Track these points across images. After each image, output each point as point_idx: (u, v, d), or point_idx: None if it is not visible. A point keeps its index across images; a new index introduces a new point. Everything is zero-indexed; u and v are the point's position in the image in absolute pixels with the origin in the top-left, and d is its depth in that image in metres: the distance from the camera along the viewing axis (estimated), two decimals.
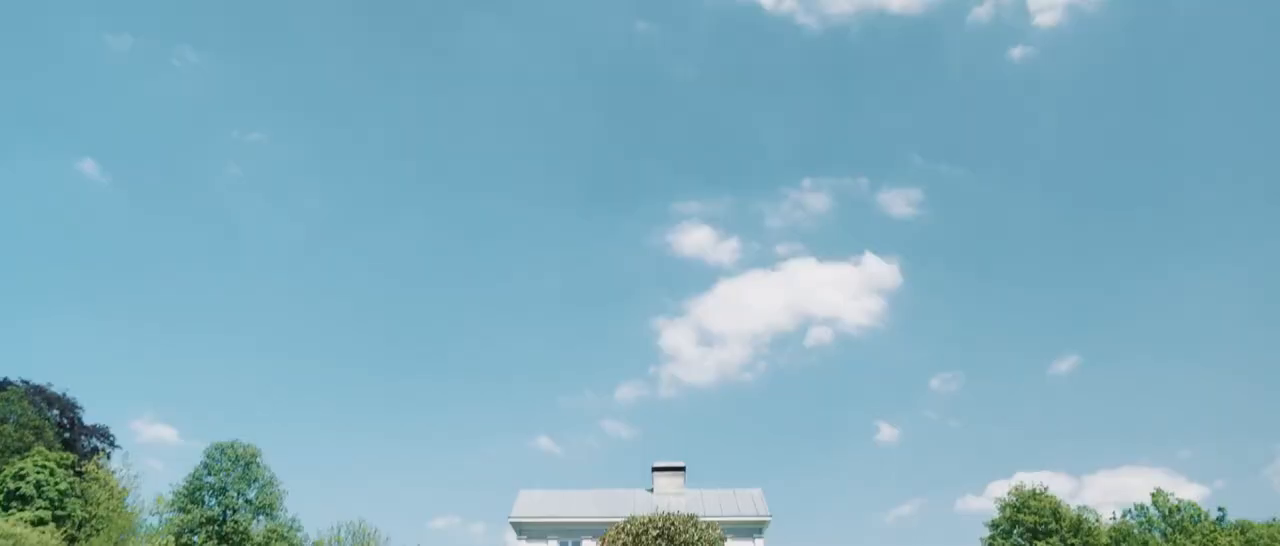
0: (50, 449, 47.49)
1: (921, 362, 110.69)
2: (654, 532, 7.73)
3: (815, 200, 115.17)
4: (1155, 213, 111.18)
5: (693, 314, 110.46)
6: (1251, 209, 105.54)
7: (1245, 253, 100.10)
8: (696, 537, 7.82)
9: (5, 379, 54.02)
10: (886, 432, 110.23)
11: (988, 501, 68.06)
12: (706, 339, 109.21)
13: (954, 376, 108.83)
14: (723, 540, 8.22)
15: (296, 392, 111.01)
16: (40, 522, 40.27)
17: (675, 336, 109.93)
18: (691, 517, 7.99)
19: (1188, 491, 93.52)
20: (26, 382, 54.18)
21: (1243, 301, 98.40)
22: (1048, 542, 53.99)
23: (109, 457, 56.05)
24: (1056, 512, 55.17)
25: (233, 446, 53.02)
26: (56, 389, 55.33)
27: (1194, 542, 54.43)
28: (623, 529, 7.86)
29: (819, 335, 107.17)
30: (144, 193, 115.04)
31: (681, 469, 44.83)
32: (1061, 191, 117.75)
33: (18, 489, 42.37)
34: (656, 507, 41.13)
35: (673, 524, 8.02)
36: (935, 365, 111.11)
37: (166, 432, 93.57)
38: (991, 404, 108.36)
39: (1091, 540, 54.22)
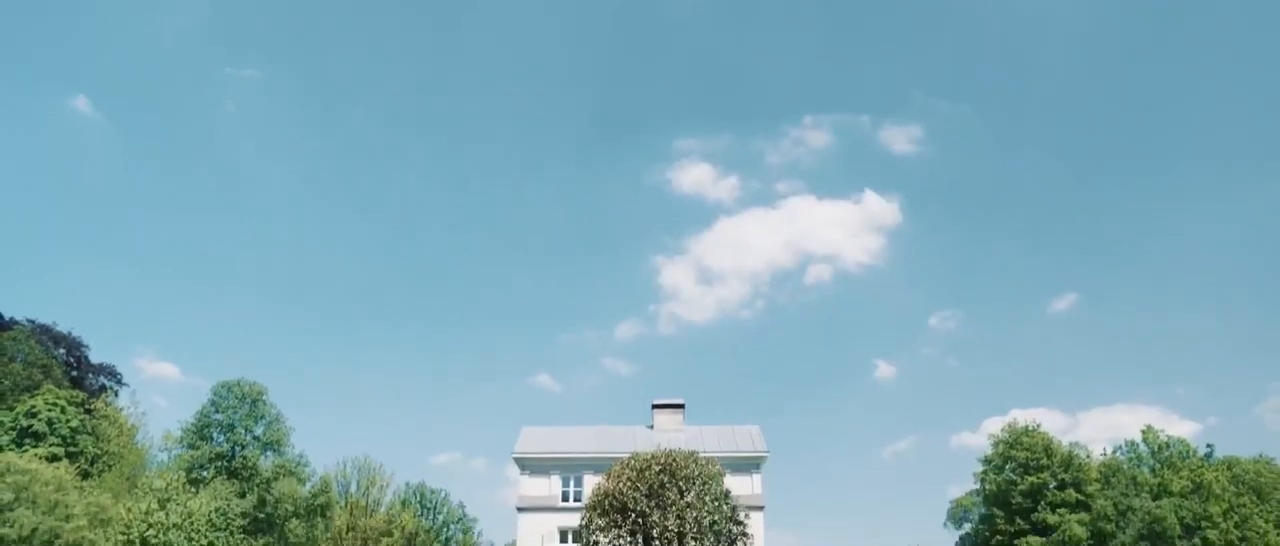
0: (58, 387, 48.17)
1: (920, 301, 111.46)
2: (656, 468, 8.15)
3: (816, 137, 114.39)
4: (1157, 151, 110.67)
5: (692, 252, 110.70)
6: (1252, 149, 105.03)
7: (1245, 192, 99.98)
8: (696, 473, 8.25)
9: (11, 318, 54.46)
10: (884, 370, 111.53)
11: (983, 438, 69.39)
12: (706, 277, 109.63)
13: (952, 314, 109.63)
14: (721, 475, 8.64)
15: (296, 332, 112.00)
16: (54, 459, 41.10)
17: (675, 274, 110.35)
18: (692, 454, 8.41)
19: (1181, 428, 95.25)
20: (32, 322, 54.61)
21: (1242, 241, 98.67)
22: (1039, 478, 55.27)
23: (117, 395, 56.91)
24: (1048, 449, 56.33)
25: (239, 384, 53.77)
26: (62, 328, 55.90)
27: (1182, 478, 55.67)
28: (628, 464, 8.30)
29: (818, 273, 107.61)
30: (137, 130, 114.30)
31: (681, 406, 45.59)
32: (1063, 129, 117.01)
33: (30, 426, 43.12)
34: (656, 444, 42.01)
35: (674, 460, 8.44)
36: (934, 303, 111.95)
37: (168, 370, 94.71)
38: (989, 342, 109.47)
39: (1081, 475, 55.48)
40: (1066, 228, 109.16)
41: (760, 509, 39.27)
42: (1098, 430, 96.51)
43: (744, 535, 9.11)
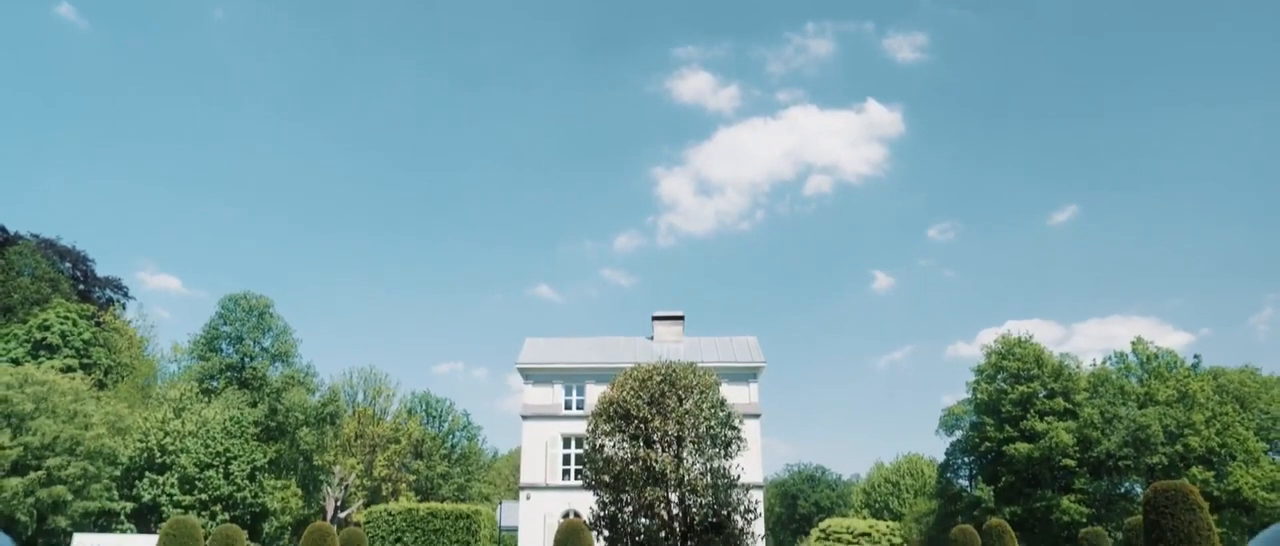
0: (67, 301, 48.93)
1: (920, 212, 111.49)
2: (657, 378, 8.72)
3: (818, 45, 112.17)
4: (1162, 62, 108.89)
5: (691, 163, 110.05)
6: (1255, 62, 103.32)
7: (1248, 106, 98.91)
8: (694, 383, 8.86)
9: (16, 233, 54.86)
10: (882, 281, 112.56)
11: (977, 348, 70.68)
12: (705, 188, 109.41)
13: (951, 226, 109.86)
14: (718, 384, 9.27)
15: (296, 245, 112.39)
16: (68, 370, 42.12)
17: (674, 186, 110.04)
18: (691, 365, 8.96)
19: (1173, 339, 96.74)
20: (36, 236, 55.05)
21: (1244, 153, 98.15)
22: (1029, 387, 56.67)
23: (124, 309, 57.89)
24: (1039, 359, 57.56)
25: (245, 297, 54.56)
26: (66, 242, 56.38)
27: (1168, 387, 57.08)
28: (630, 374, 8.88)
29: (818, 184, 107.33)
30: (126, 38, 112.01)
31: (680, 318, 46.40)
32: (1069, 38, 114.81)
33: (44, 339, 43.97)
34: (656, 355, 42.99)
35: (674, 370, 9.03)
36: (934, 214, 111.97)
37: (170, 282, 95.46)
38: (988, 253, 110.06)
39: (1071, 385, 56.87)
40: (1070, 139, 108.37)
41: (757, 417, 40.55)
42: (1092, 341, 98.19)
43: (739, 439, 9.77)
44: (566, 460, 40.60)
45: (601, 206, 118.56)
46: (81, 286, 55.61)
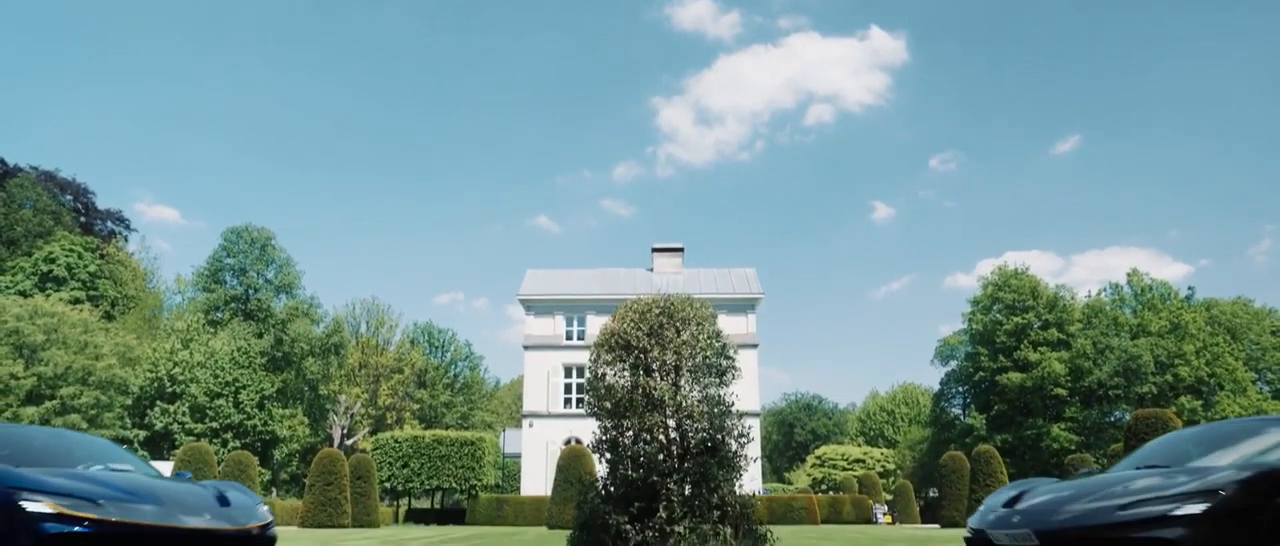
0: (70, 233, 49.25)
1: (922, 142, 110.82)
2: (656, 311, 9.11)
3: None
4: None
5: (691, 92, 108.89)
6: None
7: (1254, 35, 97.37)
8: (692, 315, 9.27)
9: (15, 165, 54.83)
10: (882, 211, 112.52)
11: (976, 279, 71.16)
12: (705, 118, 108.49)
13: (953, 156, 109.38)
14: (714, 316, 9.69)
15: (295, 176, 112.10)
16: (76, 302, 42.67)
17: (673, 115, 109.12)
18: (688, 298, 9.37)
19: (1171, 270, 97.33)
20: (36, 168, 55.03)
21: (1248, 84, 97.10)
22: (1024, 318, 57.51)
23: (126, 241, 58.26)
24: (1034, 291, 58.26)
25: (247, 230, 54.86)
26: (65, 174, 56.39)
27: (1161, 318, 57.90)
28: (630, 307, 9.26)
29: (819, 113, 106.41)
30: None
31: (680, 250, 46.81)
32: None
33: (50, 271, 44.40)
34: (656, 286, 43.63)
35: (672, 303, 9.44)
36: (936, 144, 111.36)
37: (169, 214, 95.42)
38: (989, 184, 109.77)
39: (1065, 316, 57.69)
40: (1076, 68, 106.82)
41: (754, 347, 41.31)
42: (1090, 272, 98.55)
43: (733, 368, 10.26)
44: (567, 389, 41.49)
45: (600, 136, 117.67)
46: (83, 219, 55.83)
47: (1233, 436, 5.90)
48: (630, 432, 10.13)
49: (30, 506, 4.82)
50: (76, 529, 4.84)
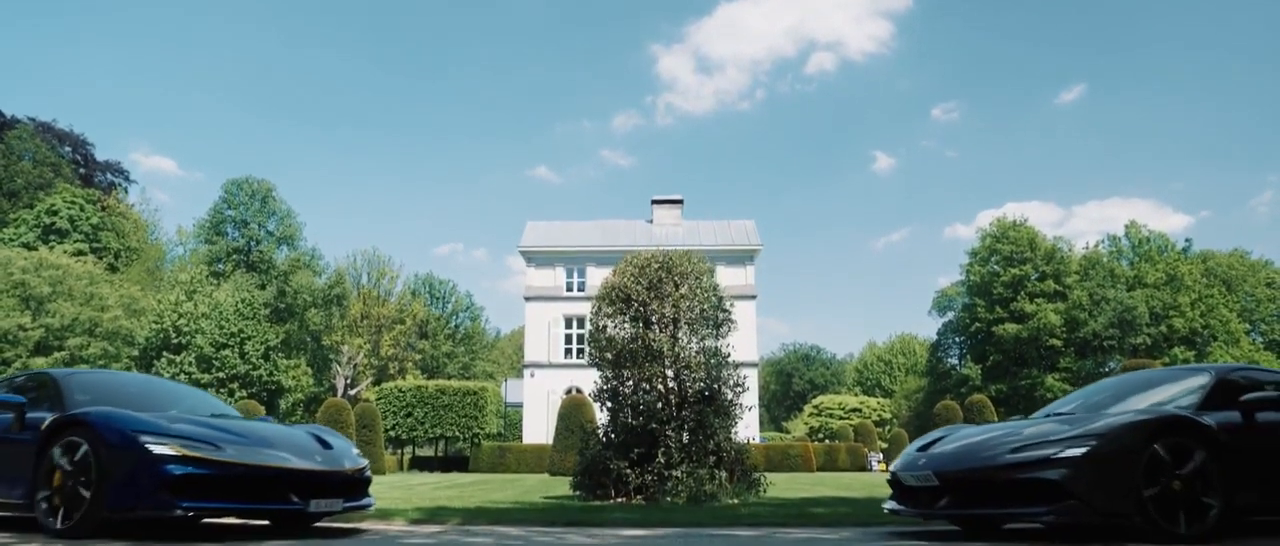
0: (70, 185, 49.31)
1: (924, 91, 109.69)
2: (656, 265, 9.35)
3: None
4: None
5: (691, 40, 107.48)
6: None
7: None
8: (690, 269, 9.53)
9: (13, 116, 54.64)
10: (883, 162, 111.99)
11: (975, 230, 71.20)
12: (705, 66, 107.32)
13: (956, 105, 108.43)
14: (711, 271, 9.94)
15: (290, 125, 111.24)
16: (79, 254, 42.92)
17: (672, 64, 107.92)
18: (686, 253, 9.60)
19: (1173, 221, 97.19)
20: (34, 120, 54.86)
21: (1255, 32, 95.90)
22: (1021, 270, 57.88)
23: (127, 193, 58.35)
24: (1032, 243, 58.53)
25: (248, 181, 54.88)
26: (63, 125, 56.23)
27: (1157, 270, 58.28)
28: (630, 261, 9.50)
29: (821, 61, 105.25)
30: None
31: (679, 201, 46.95)
32: None
33: (53, 223, 44.57)
34: (655, 238, 43.87)
35: (670, 258, 9.70)
36: (938, 94, 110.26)
37: (166, 164, 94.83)
38: (991, 134, 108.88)
39: (1062, 268, 58.07)
40: (1082, 15, 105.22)
41: (752, 298, 41.70)
42: (1091, 223, 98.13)
43: (729, 320, 10.59)
44: (568, 339, 41.99)
45: (599, 86, 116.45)
46: (82, 170, 55.83)
47: (1144, 385, 6.23)
48: (630, 382, 10.52)
49: (155, 449, 5.04)
50: (199, 470, 5.07)
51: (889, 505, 6.04)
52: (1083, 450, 4.88)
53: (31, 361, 35.55)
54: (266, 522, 6.33)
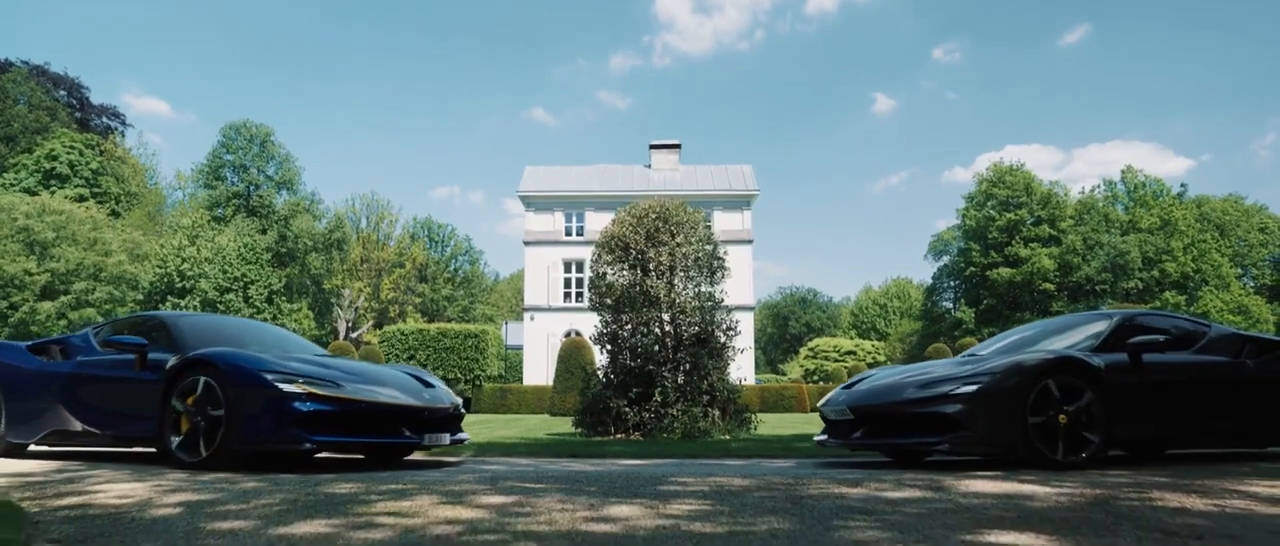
0: (66, 130, 49.26)
1: (926, 31, 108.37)
2: (653, 215, 9.78)
3: None
4: None
5: None
6: None
7: None
8: (685, 219, 10.00)
9: (5, 60, 54.25)
10: (882, 104, 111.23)
11: (974, 174, 71.11)
12: (703, 6, 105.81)
13: (958, 46, 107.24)
14: (706, 220, 10.41)
15: (284, 65, 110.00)
16: (80, 199, 43.19)
17: (670, 3, 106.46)
18: (682, 204, 10.04)
19: (1173, 164, 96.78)
20: (27, 63, 54.49)
21: None
22: (1017, 214, 58.27)
23: (123, 137, 58.25)
24: (1028, 188, 58.79)
25: (246, 126, 54.76)
26: (57, 69, 55.85)
27: (1152, 215, 58.68)
28: (629, 211, 9.93)
29: (821, 1, 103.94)
30: None
31: (677, 146, 47.02)
32: None
33: (53, 168, 44.69)
34: (653, 182, 44.13)
35: (667, 208, 10.13)
36: (940, 34, 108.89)
37: (159, 105, 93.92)
38: (993, 75, 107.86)
39: (1058, 213, 58.45)
40: None
41: (749, 243, 42.16)
42: (1090, 166, 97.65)
43: (723, 268, 11.08)
44: (567, 283, 42.55)
45: (596, 25, 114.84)
46: (78, 114, 55.67)
47: (1057, 329, 6.70)
48: (629, 326, 11.05)
49: (284, 387, 5.42)
50: (323, 407, 5.46)
51: (819, 437, 6.68)
52: (975, 387, 5.46)
53: (39, 305, 36.13)
54: (360, 456, 6.67)
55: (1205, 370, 6.06)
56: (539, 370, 40.59)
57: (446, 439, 6.17)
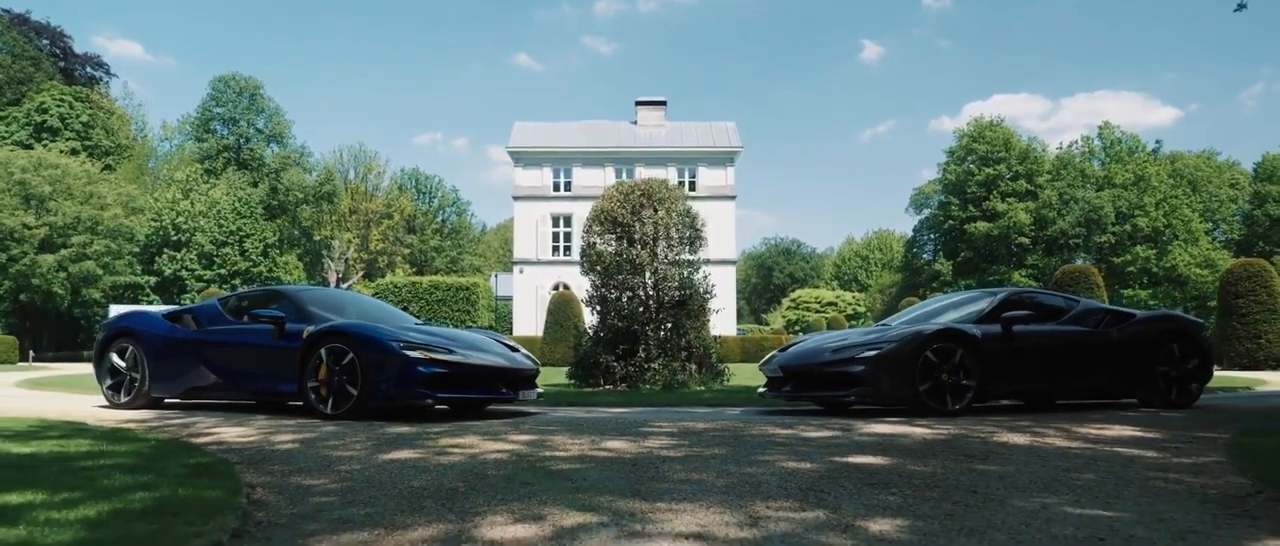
0: (51, 80, 49.32)
1: None
2: (638, 193, 10.95)
3: None
4: None
5: None
6: None
7: None
8: (666, 195, 11.25)
9: None
10: (871, 51, 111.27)
11: (962, 122, 71.85)
12: None
13: None
14: (685, 196, 11.71)
15: (260, 5, 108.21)
16: (73, 153, 43.67)
17: None
18: (663, 182, 11.25)
19: (1160, 114, 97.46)
20: (9, 12, 54.20)
21: None
22: (995, 170, 59.63)
23: (108, 87, 58.28)
24: (1007, 143, 60.06)
25: (235, 78, 54.99)
26: (38, 17, 55.57)
27: (1127, 171, 60.18)
28: (617, 188, 11.11)
29: None
30: None
31: (663, 103, 47.87)
32: None
33: (44, 121, 45.03)
34: (639, 139, 45.11)
35: (650, 186, 11.39)
36: None
37: (133, 48, 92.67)
38: (985, 22, 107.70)
39: (1035, 168, 59.85)
40: None
41: (732, 199, 43.39)
42: (1077, 115, 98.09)
43: (700, 238, 12.43)
44: (556, 237, 43.74)
45: None
46: (62, 64, 55.58)
47: (955, 305, 8.00)
48: (616, 290, 12.39)
49: (409, 353, 6.40)
50: (441, 369, 6.46)
51: (760, 390, 8.07)
52: (876, 352, 6.86)
53: (40, 258, 37.00)
54: (446, 408, 7.58)
55: (1068, 337, 7.47)
56: (528, 321, 41.99)
57: (535, 394, 7.38)
